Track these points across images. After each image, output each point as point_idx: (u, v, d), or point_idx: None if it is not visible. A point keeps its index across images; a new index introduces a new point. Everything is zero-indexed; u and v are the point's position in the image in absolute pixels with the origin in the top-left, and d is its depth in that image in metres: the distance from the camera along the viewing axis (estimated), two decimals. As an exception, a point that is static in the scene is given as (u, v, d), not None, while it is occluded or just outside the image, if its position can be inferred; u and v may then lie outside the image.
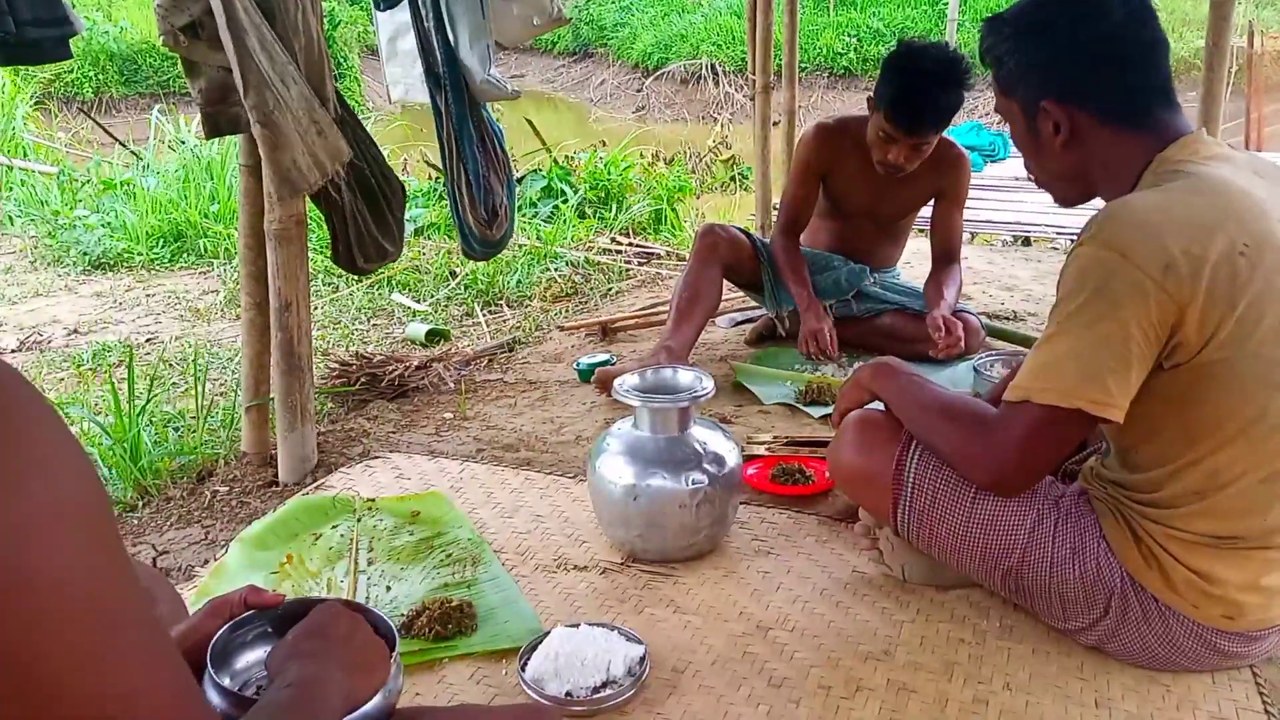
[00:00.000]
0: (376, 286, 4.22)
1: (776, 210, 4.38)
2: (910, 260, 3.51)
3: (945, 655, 1.61)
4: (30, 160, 6.68)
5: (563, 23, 3.10)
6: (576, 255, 4.52)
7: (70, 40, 2.23)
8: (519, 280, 4.19)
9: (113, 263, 4.78)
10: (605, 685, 1.51)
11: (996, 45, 1.53)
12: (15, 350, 3.71)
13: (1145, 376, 1.33)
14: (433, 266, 4.40)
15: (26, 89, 8.28)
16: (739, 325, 3.43)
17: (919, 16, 13.80)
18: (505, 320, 3.81)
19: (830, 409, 2.19)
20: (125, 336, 3.75)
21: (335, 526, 2.05)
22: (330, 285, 4.30)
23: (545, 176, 5.61)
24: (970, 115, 9.09)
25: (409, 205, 5.12)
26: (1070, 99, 1.45)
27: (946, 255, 3.00)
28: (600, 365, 2.89)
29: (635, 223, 5.24)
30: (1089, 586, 1.50)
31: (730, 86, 12.95)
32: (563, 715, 1.46)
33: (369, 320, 3.91)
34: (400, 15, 2.93)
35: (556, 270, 4.31)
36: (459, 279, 4.22)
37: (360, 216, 2.46)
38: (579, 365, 2.99)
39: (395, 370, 2.96)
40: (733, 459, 1.90)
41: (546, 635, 1.60)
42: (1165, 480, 1.42)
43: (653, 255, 4.66)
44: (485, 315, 3.86)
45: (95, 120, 8.64)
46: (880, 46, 12.51)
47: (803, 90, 10.04)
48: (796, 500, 2.14)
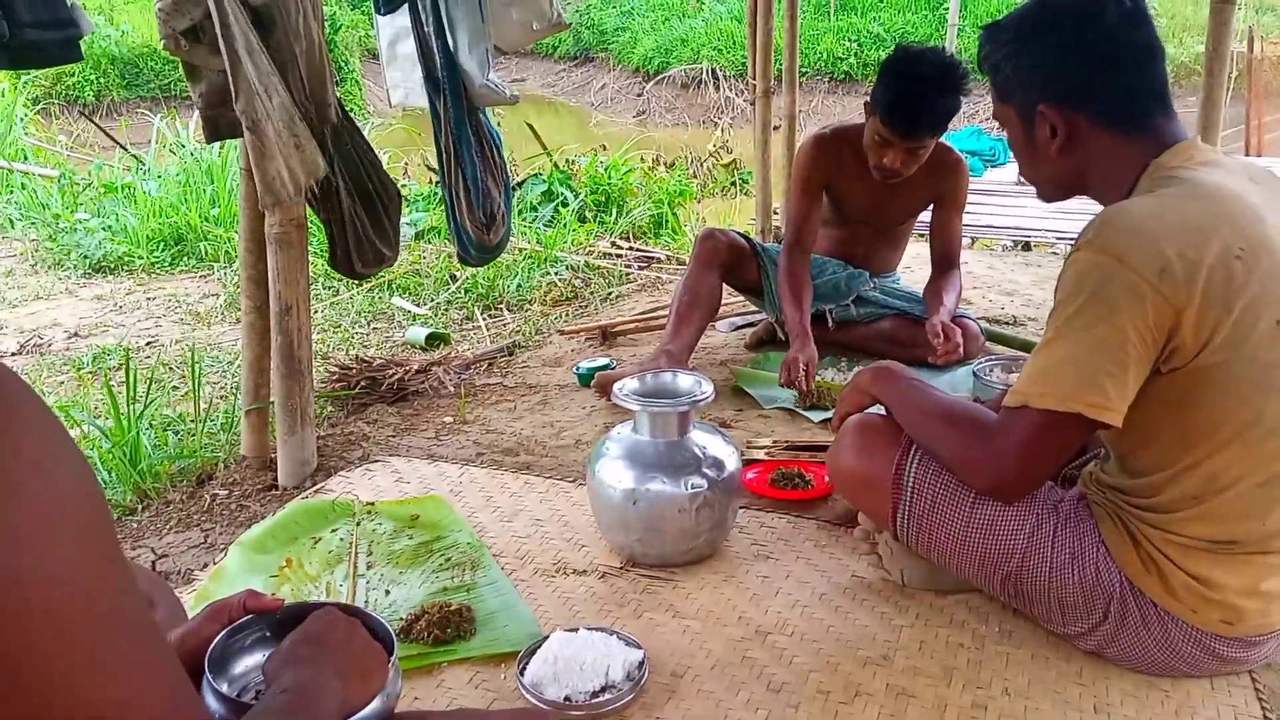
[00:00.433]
0: (377, 290, 4.23)
1: (778, 216, 4.41)
2: (910, 265, 3.51)
3: (944, 660, 1.60)
4: (31, 164, 6.69)
5: (562, 27, 3.10)
6: (577, 259, 4.52)
7: (79, 41, 2.21)
8: (519, 284, 4.19)
9: (113, 266, 4.79)
10: (604, 690, 1.51)
11: (994, 52, 1.54)
12: (15, 353, 3.71)
13: (1143, 381, 1.33)
14: (433, 270, 4.41)
15: (26, 92, 8.27)
16: (739, 329, 3.43)
17: (920, 21, 13.84)
18: (505, 324, 3.81)
19: (830, 413, 2.19)
20: (125, 340, 3.75)
21: (335, 530, 2.05)
22: (331, 289, 4.30)
23: (546, 180, 5.61)
24: (970, 120, 9.10)
25: (409, 209, 5.13)
26: (1067, 103, 1.46)
27: (946, 260, 3.00)
28: (600, 369, 2.89)
29: (636, 227, 5.25)
30: (1088, 591, 1.50)
31: (731, 91, 12.97)
32: (561, 720, 1.46)
33: (369, 324, 3.91)
34: (400, 19, 2.93)
35: (557, 274, 4.32)
36: (459, 283, 4.22)
37: (358, 222, 2.47)
38: (579, 369, 2.98)
39: (395, 374, 2.96)
40: (732, 463, 1.90)
41: (545, 639, 1.60)
42: (1163, 485, 1.42)
43: (653, 259, 4.66)
44: (485, 319, 3.86)
45: (96, 124, 8.64)
46: (880, 51, 12.51)
47: (803, 95, 10.08)
48: (796, 505, 2.14)
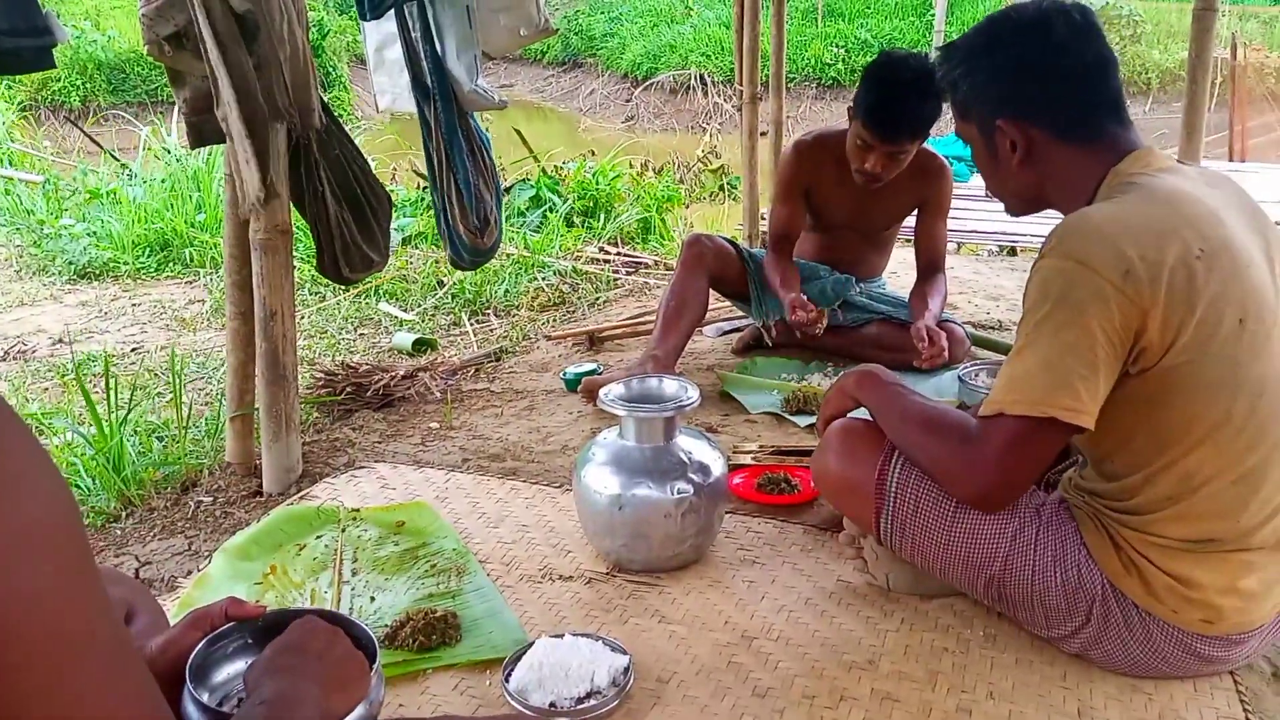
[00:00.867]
0: (363, 296, 4.22)
1: (764, 221, 4.42)
2: (896, 270, 3.52)
3: (929, 664, 1.61)
4: (16, 169, 6.65)
5: (550, 33, 3.10)
6: (564, 264, 4.52)
7: (53, 50, 2.21)
8: (506, 289, 4.19)
9: (98, 272, 4.76)
10: (589, 696, 1.51)
11: (951, 70, 1.59)
12: (0, 360, 3.69)
13: (1114, 382, 1.36)
14: (420, 276, 4.40)
15: (13, 98, 8.23)
16: (725, 335, 3.44)
17: (906, 28, 13.90)
18: (492, 329, 3.81)
19: (816, 418, 2.20)
20: (110, 346, 3.74)
21: (319, 537, 2.04)
22: (317, 294, 4.29)
23: (534, 186, 5.60)
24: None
25: (397, 214, 5.12)
26: (1023, 117, 1.50)
27: (931, 265, 3.02)
28: (587, 374, 2.89)
29: (623, 232, 5.25)
30: (1071, 594, 1.51)
31: (719, 97, 13.00)
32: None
33: (355, 329, 3.90)
34: (387, 25, 2.93)
35: (544, 279, 4.32)
36: (446, 288, 4.22)
37: (346, 227, 2.46)
38: (565, 374, 2.98)
39: (381, 380, 2.96)
40: (718, 468, 1.90)
41: (531, 645, 1.60)
42: (1139, 486, 1.44)
43: (640, 265, 4.66)
44: (472, 324, 3.86)
45: (82, 129, 8.60)
46: (867, 57, 12.40)
47: (791, 100, 10.08)
48: (782, 509, 2.14)
